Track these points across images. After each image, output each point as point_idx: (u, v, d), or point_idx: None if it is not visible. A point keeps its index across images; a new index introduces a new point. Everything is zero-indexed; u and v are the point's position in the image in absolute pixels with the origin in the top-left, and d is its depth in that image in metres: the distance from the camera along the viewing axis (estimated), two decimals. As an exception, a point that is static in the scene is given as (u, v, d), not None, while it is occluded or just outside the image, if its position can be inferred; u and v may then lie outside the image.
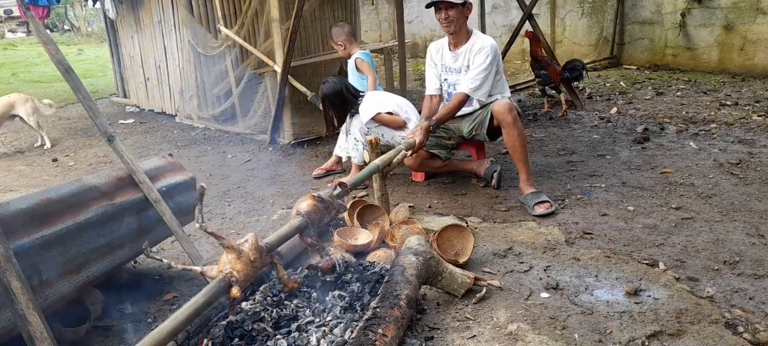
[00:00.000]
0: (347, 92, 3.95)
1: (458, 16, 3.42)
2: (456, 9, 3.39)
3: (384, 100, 3.99)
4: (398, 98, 4.10)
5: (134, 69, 7.48)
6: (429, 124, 3.41)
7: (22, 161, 5.29)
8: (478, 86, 3.45)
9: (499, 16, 9.63)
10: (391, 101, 4.00)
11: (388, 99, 4.03)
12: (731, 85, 6.56)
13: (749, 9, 7.02)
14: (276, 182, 4.24)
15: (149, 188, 2.52)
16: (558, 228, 3.08)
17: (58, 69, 2.56)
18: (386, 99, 4.02)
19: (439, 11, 3.43)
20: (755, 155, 4.09)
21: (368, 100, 3.97)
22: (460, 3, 3.37)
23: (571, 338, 2.10)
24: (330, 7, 5.26)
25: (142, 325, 2.44)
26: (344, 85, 3.96)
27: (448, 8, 3.39)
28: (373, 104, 3.92)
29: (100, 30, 15.53)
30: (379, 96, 4.06)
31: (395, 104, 3.98)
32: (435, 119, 3.46)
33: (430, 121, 3.43)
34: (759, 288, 2.39)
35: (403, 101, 4.09)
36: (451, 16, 3.40)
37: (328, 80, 4.00)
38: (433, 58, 3.73)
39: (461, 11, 3.42)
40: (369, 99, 3.97)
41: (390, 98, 4.05)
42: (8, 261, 1.80)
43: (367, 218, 3.11)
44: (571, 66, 5.66)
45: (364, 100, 3.97)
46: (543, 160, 4.30)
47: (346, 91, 3.94)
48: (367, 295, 2.29)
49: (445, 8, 3.39)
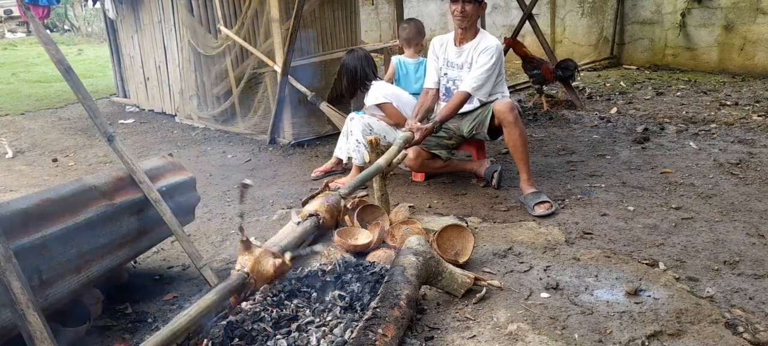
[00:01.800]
0: (363, 71, 4.00)
1: (473, 12, 3.43)
2: (473, 4, 3.41)
3: (397, 94, 3.99)
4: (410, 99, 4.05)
5: (134, 69, 7.47)
6: (432, 126, 3.41)
7: (22, 161, 5.29)
8: (480, 86, 3.45)
9: (499, 16, 9.63)
10: (403, 100, 3.99)
11: (401, 97, 4.01)
12: (731, 85, 6.56)
13: (749, 9, 7.02)
14: (276, 182, 4.24)
15: (149, 187, 2.52)
16: (558, 228, 3.08)
17: (58, 69, 2.56)
18: (399, 95, 4.01)
19: (455, 3, 3.43)
20: (755, 155, 4.09)
21: (380, 87, 3.99)
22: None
23: (571, 338, 2.10)
24: (330, 7, 5.26)
25: (142, 325, 2.44)
26: (363, 65, 4.01)
27: (465, 2, 3.39)
28: (383, 92, 3.94)
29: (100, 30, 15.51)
30: (392, 88, 4.06)
31: (405, 104, 3.97)
32: (437, 119, 3.46)
33: (433, 123, 3.43)
34: (759, 288, 2.39)
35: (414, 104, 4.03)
36: (467, 11, 3.41)
37: (355, 51, 4.10)
38: (436, 51, 3.73)
39: (476, 8, 3.43)
40: (381, 86, 3.99)
41: (403, 97, 4.02)
42: (8, 261, 1.80)
43: (367, 218, 3.11)
44: (564, 65, 5.73)
45: (377, 85, 4.00)
46: (543, 160, 4.30)
47: (361, 70, 3.99)
48: (367, 295, 2.29)
49: (463, 1, 3.40)
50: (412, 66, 4.33)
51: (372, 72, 4.09)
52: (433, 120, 3.45)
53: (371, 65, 4.12)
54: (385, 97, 3.93)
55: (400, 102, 3.97)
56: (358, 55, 4.10)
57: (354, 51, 4.16)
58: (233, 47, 5.48)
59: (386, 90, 4.00)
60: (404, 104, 3.98)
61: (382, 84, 4.06)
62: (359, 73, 4.04)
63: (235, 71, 5.57)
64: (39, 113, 7.48)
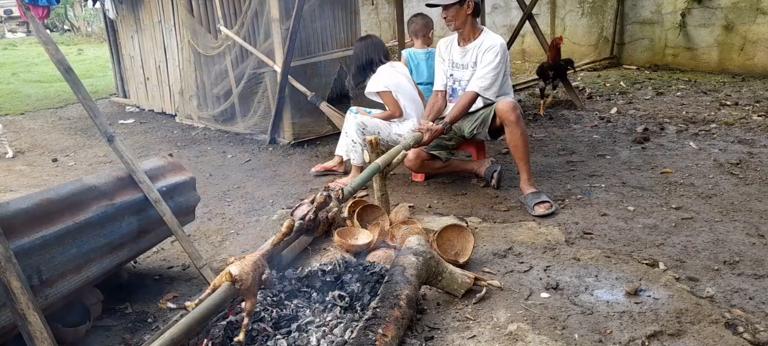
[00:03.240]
0: (368, 57, 3.98)
1: (456, 14, 3.43)
2: (453, 8, 3.42)
3: (399, 83, 3.93)
4: (414, 92, 4.00)
5: (134, 69, 7.48)
6: (443, 127, 3.40)
7: (22, 161, 5.29)
8: (489, 85, 3.44)
9: (499, 16, 9.63)
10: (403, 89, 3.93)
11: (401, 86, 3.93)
12: (731, 85, 6.56)
13: (749, 9, 7.02)
14: (276, 182, 4.24)
15: (149, 187, 2.52)
16: (558, 228, 3.08)
17: (58, 69, 2.56)
18: (400, 84, 3.93)
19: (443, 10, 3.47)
20: (755, 155, 4.09)
21: (383, 74, 3.93)
22: (454, 2, 3.39)
23: (571, 338, 2.10)
24: (330, 7, 5.26)
25: (142, 325, 2.44)
26: (370, 51, 3.99)
27: (445, 8, 3.42)
28: (384, 81, 3.89)
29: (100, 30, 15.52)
30: (397, 77, 3.96)
31: (404, 94, 3.93)
32: (448, 120, 3.44)
33: (443, 124, 3.42)
34: (759, 288, 2.39)
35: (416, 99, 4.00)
36: (449, 15, 3.45)
37: (367, 38, 4.12)
38: (442, 53, 3.74)
39: (458, 10, 3.43)
40: (386, 72, 3.94)
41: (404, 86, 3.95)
42: (8, 261, 1.80)
43: (367, 218, 3.11)
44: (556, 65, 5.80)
45: (381, 70, 3.96)
46: (543, 160, 4.30)
47: (366, 56, 3.98)
48: (367, 295, 2.29)
49: (443, 8, 3.43)
50: (422, 56, 4.41)
51: (379, 58, 4.01)
52: (444, 121, 3.44)
53: (380, 50, 4.03)
54: (385, 87, 3.87)
55: (400, 91, 3.90)
56: (366, 42, 4.07)
57: (364, 38, 4.14)
58: (233, 47, 5.48)
59: (388, 79, 3.89)
60: (404, 94, 3.91)
61: (387, 70, 3.95)
62: (364, 59, 4.00)
63: (235, 71, 5.57)
64: (39, 113, 7.49)
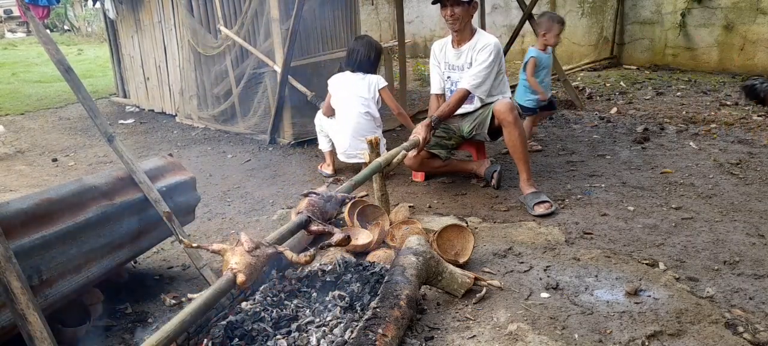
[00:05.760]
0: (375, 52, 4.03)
1: (463, 13, 3.42)
2: (462, 6, 3.39)
3: (337, 84, 4.03)
4: (352, 109, 3.99)
5: (134, 69, 7.47)
6: (430, 121, 3.40)
7: (22, 161, 5.28)
8: (480, 83, 3.44)
9: (499, 16, 9.63)
10: (342, 100, 4.00)
11: (341, 96, 4.02)
12: (731, 85, 6.56)
13: (749, 9, 7.02)
14: (276, 182, 4.24)
15: (149, 188, 2.52)
16: (558, 228, 3.07)
17: (58, 69, 2.56)
18: (339, 86, 4.03)
19: (444, 8, 3.44)
20: (755, 155, 4.09)
21: (336, 76, 4.08)
22: (466, 1, 3.37)
23: (571, 338, 2.10)
24: (330, 6, 5.26)
25: (142, 325, 2.44)
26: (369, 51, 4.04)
27: (453, 5, 3.39)
28: (333, 81, 4.06)
29: (100, 30, 15.52)
30: (341, 84, 4.03)
31: (343, 106, 4.00)
32: (436, 115, 3.43)
33: (430, 118, 3.41)
34: (759, 288, 2.39)
35: (350, 114, 3.98)
36: (457, 13, 3.41)
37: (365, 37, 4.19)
38: (437, 56, 3.73)
39: (467, 9, 3.42)
40: (339, 76, 4.07)
41: (343, 97, 4.00)
42: (8, 261, 1.80)
43: (367, 218, 3.11)
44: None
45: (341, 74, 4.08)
46: (543, 160, 4.30)
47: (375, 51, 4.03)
48: (367, 295, 2.29)
49: (451, 5, 3.40)
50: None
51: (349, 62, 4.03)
52: (432, 117, 3.41)
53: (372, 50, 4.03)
54: (329, 84, 4.07)
55: (337, 97, 4.00)
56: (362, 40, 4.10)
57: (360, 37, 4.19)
58: (233, 47, 5.48)
59: (334, 81, 4.06)
60: (340, 101, 3.99)
61: (339, 75, 4.07)
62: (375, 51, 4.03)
63: (235, 71, 5.57)
64: (39, 113, 7.48)
